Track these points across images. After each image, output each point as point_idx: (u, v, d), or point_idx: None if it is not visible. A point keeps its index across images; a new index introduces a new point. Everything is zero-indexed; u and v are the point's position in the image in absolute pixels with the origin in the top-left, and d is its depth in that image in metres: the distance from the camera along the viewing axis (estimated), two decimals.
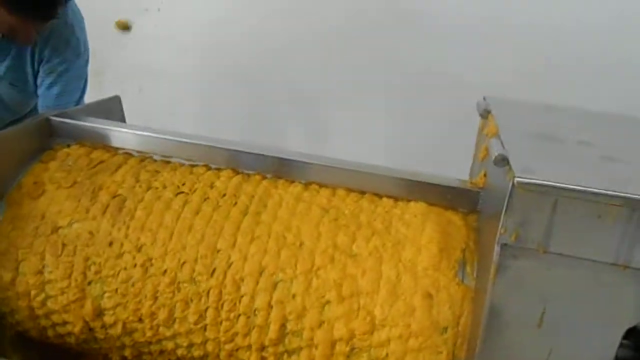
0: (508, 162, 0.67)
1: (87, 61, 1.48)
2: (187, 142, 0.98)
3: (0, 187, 0.96)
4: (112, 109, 1.23)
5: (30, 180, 0.97)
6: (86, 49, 1.46)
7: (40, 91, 1.43)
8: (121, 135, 1.02)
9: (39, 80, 1.42)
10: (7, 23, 1.18)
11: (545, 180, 0.63)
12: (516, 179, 0.63)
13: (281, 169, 0.96)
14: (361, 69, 2.01)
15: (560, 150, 0.74)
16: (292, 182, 0.95)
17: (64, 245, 0.89)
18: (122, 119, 1.26)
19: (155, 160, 1.02)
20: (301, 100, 2.20)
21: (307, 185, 0.95)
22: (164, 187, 0.95)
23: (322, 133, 2.19)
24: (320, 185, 0.94)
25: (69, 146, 1.04)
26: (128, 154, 1.03)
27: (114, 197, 0.93)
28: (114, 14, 2.35)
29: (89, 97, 2.63)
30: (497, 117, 0.87)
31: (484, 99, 1.00)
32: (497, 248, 0.68)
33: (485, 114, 0.93)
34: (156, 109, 2.51)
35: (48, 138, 1.05)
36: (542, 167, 0.66)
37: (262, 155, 0.95)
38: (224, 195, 0.93)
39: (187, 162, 1.01)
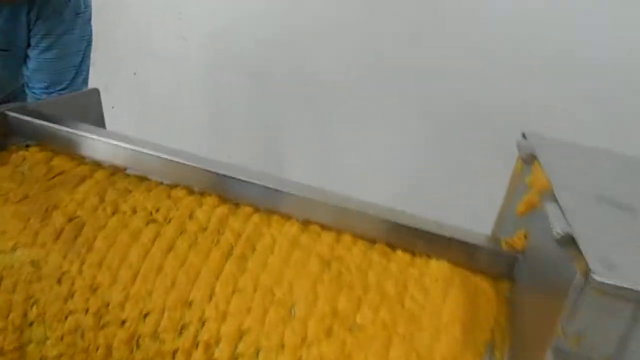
0: (577, 248, 0.50)
1: (88, 20, 1.30)
2: (167, 159, 0.82)
3: None
4: (89, 103, 1.06)
5: None
6: (87, 6, 1.28)
7: (32, 54, 1.26)
8: (89, 142, 0.85)
9: (32, 42, 1.25)
10: None
11: (628, 280, 0.47)
12: (592, 277, 0.46)
13: (277, 201, 0.79)
14: (387, 76, 1.82)
15: (638, 227, 0.57)
16: (289, 219, 0.79)
17: (1, 277, 0.73)
18: (100, 115, 1.09)
19: (128, 176, 0.85)
20: (313, 100, 2.01)
21: (306, 224, 0.78)
22: (134, 211, 0.78)
23: (332, 141, 2.01)
24: (323, 227, 0.78)
25: (27, 147, 0.88)
26: (97, 165, 0.86)
27: (71, 220, 0.77)
28: None
29: None
30: (547, 168, 0.70)
31: (524, 136, 0.84)
32: (549, 353, 0.52)
33: (529, 158, 0.77)
34: (151, 94, 2.34)
35: (3, 136, 0.88)
36: (622, 259, 0.50)
37: (255, 184, 0.78)
38: (205, 229, 0.76)
39: (166, 182, 0.84)
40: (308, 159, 2.11)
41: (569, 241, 0.52)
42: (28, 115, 0.88)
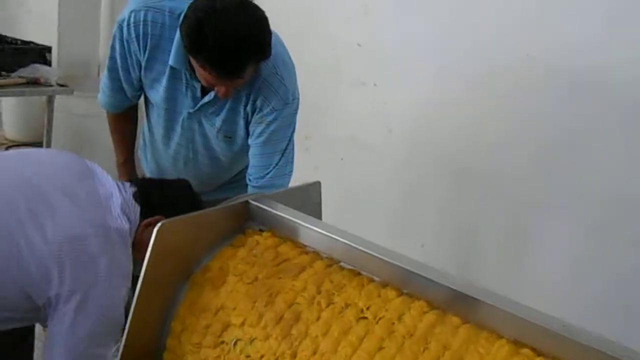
0: None
1: (295, 110, 1.46)
2: (379, 258, 0.86)
3: (190, 265, 0.95)
4: (310, 194, 1.18)
5: (217, 265, 0.94)
6: (294, 98, 1.42)
7: (250, 140, 1.47)
8: (312, 234, 0.94)
9: (250, 130, 1.45)
10: (204, 77, 1.22)
11: None
12: None
13: (487, 316, 0.77)
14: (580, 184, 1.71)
15: None
16: (500, 338, 0.76)
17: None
18: (318, 204, 1.20)
19: (343, 269, 0.91)
20: (505, 207, 1.97)
21: (518, 346, 0.74)
22: (346, 305, 0.83)
23: (528, 241, 1.90)
24: (536, 353, 0.73)
25: (261, 232, 1.00)
26: (316, 254, 0.94)
27: (290, 306, 0.84)
28: (333, 85, 2.41)
29: (297, 159, 2.75)
30: None
31: None
32: None
33: None
34: (354, 179, 2.49)
35: (244, 220, 1.02)
36: None
37: (468, 296, 0.77)
38: (412, 335, 0.77)
39: (377, 278, 0.88)
40: (501, 257, 2.04)
41: None
42: (264, 204, 1.01)
